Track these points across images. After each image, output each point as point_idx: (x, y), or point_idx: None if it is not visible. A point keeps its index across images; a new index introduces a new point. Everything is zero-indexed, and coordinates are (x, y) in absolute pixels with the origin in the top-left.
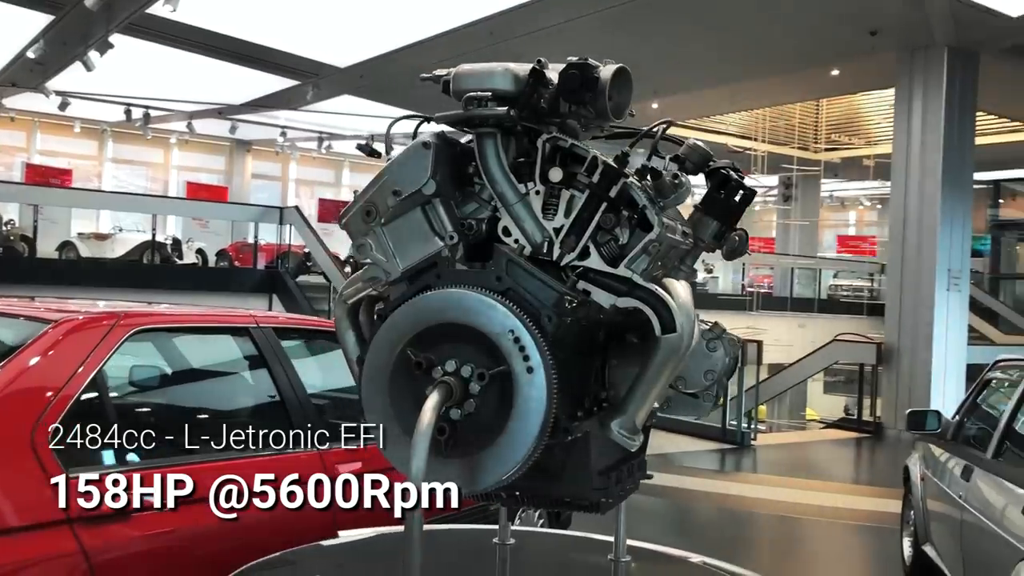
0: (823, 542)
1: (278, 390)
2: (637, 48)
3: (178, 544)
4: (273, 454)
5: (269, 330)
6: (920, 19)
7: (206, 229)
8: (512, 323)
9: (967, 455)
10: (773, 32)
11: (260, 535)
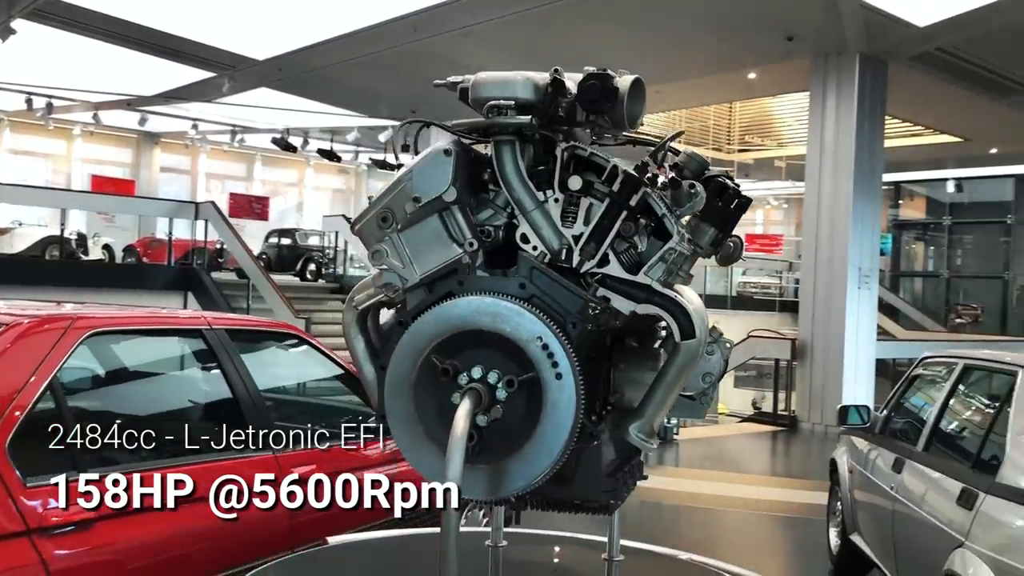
0: (750, 533)
1: (232, 393)
2: (560, 49)
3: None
4: (228, 458)
5: (222, 331)
6: (834, 26)
7: (112, 224)
8: (540, 330)
9: (897, 448)
10: (695, 36)
11: (221, 541)
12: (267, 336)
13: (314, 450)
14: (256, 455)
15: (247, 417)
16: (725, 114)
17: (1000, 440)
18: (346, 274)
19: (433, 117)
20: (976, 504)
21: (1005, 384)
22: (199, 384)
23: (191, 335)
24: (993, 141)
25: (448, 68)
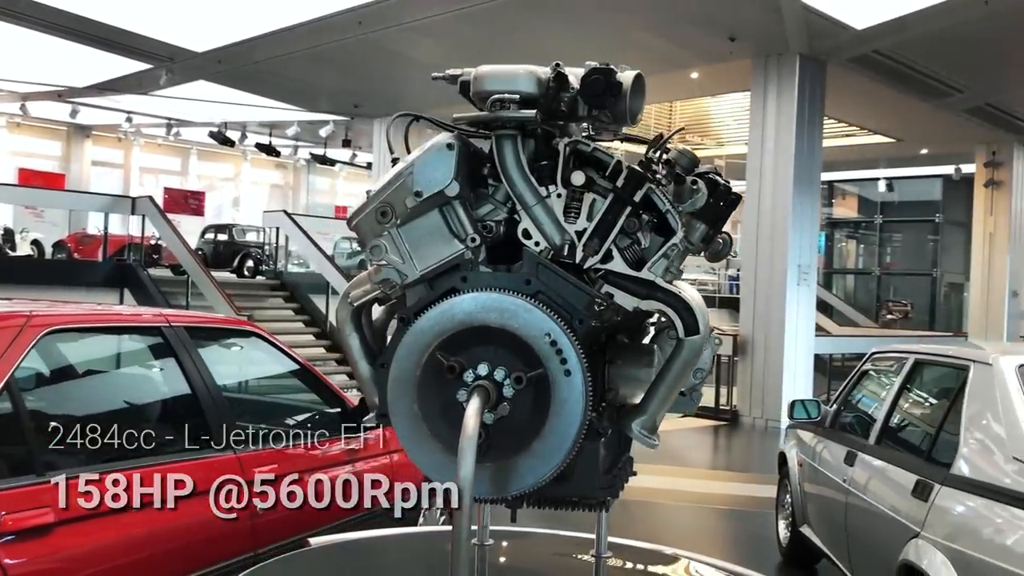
0: (699, 526)
1: (192, 392)
2: (504, 44)
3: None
4: (189, 459)
5: (181, 329)
6: (776, 27)
7: (41, 219)
8: (549, 326)
9: (848, 442)
10: (640, 34)
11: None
12: (226, 334)
13: (276, 449)
14: (217, 455)
15: (208, 417)
16: (666, 113)
17: (954, 432)
18: (286, 271)
19: (378, 111)
20: (931, 495)
21: (958, 378)
22: (158, 384)
23: (149, 333)
24: (924, 142)
25: (393, 63)
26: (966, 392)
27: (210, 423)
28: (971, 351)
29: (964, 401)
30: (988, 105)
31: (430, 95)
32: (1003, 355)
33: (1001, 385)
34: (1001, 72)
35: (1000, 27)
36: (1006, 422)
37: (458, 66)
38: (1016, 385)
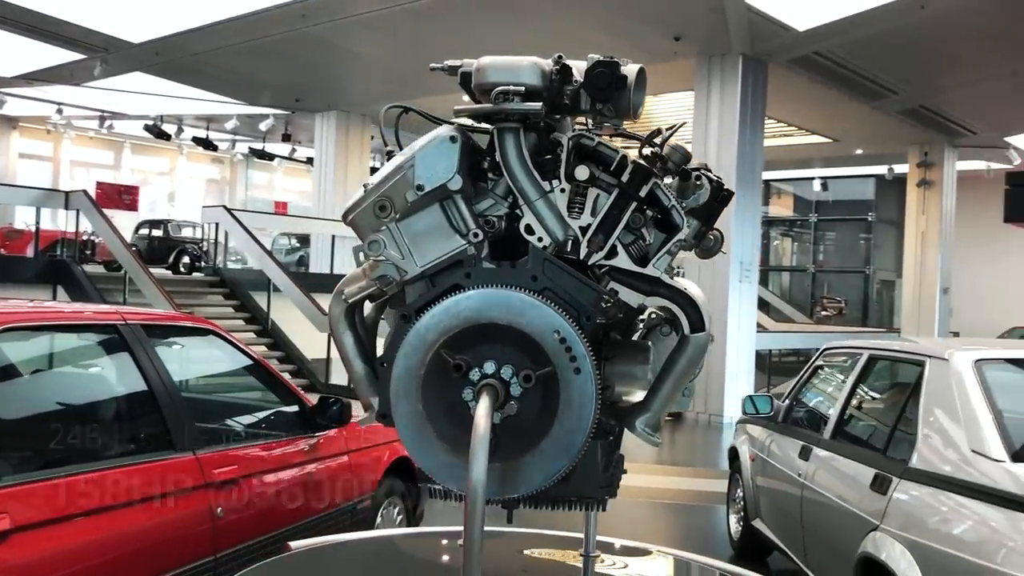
0: (649, 521)
1: (150, 392)
2: (450, 40)
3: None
4: (147, 461)
5: (138, 327)
6: (720, 28)
7: None
8: (558, 323)
9: (803, 436)
10: (585, 32)
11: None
12: (183, 331)
13: (237, 450)
14: (176, 457)
15: (167, 418)
16: None
17: (911, 427)
18: (225, 267)
19: (319, 106)
20: (890, 489)
21: (914, 373)
22: (114, 383)
23: (105, 331)
24: (859, 142)
25: (337, 57)
26: (923, 387)
27: (169, 424)
28: (926, 347)
29: (921, 396)
30: (922, 107)
31: (373, 90)
32: (959, 350)
33: (958, 380)
34: (935, 75)
35: (936, 31)
36: (965, 417)
37: (402, 61)
38: (973, 380)
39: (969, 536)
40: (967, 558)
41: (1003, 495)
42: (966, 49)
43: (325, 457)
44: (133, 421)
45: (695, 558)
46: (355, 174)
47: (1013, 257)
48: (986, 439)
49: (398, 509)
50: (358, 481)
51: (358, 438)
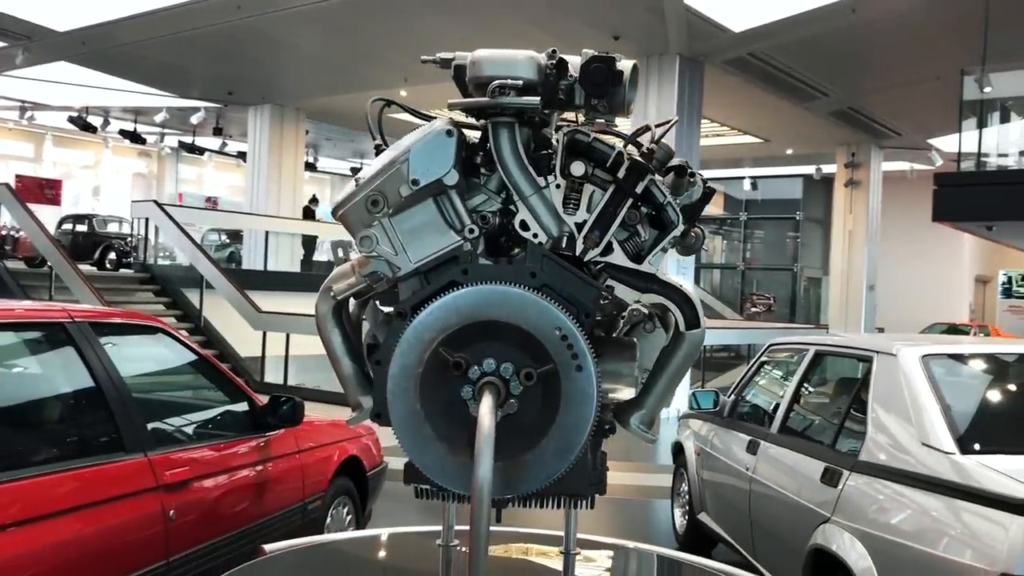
0: (593, 515)
1: (99, 392)
2: (387, 34)
3: None
4: (98, 463)
5: (86, 325)
6: (659, 28)
7: None
8: (559, 320)
9: (750, 431)
10: (524, 28)
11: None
12: (131, 330)
13: (189, 450)
14: (127, 459)
15: (117, 419)
16: None
17: (860, 421)
18: (156, 263)
19: (253, 99)
20: (841, 481)
21: (861, 368)
22: (62, 383)
23: (51, 329)
24: (789, 142)
25: (271, 49)
26: (871, 382)
27: (120, 425)
28: (873, 343)
29: (869, 391)
30: (850, 108)
31: (309, 83)
32: (906, 346)
33: (907, 375)
34: (864, 77)
35: (865, 35)
36: (914, 411)
37: (339, 54)
38: (921, 375)
39: (921, 526)
40: (919, 548)
41: (954, 486)
42: (893, 53)
43: (276, 457)
44: (83, 422)
45: (676, 555)
46: (290, 169)
47: (934, 255)
48: (936, 433)
49: (347, 509)
50: (309, 481)
51: (308, 437)
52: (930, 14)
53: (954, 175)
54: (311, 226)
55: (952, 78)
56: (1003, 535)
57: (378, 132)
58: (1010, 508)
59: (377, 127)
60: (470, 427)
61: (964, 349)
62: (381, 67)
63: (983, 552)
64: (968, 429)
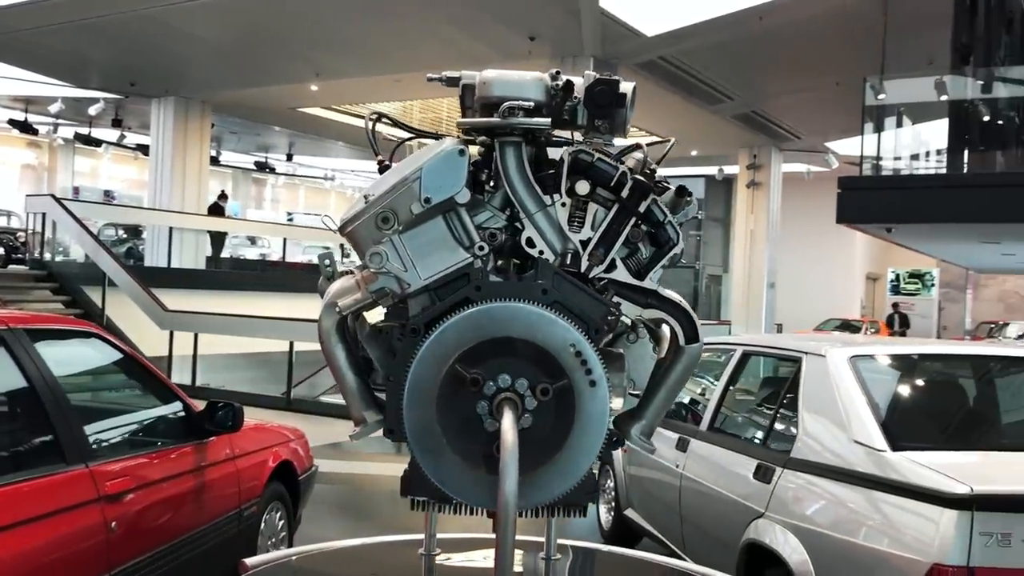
0: None
1: (38, 403)
2: (299, 29)
3: None
4: (36, 476)
5: (22, 332)
6: (574, 30)
7: None
8: (574, 337)
9: (679, 428)
10: (443, 27)
11: (31, 570)
12: (62, 335)
13: (129, 459)
14: (68, 470)
15: (56, 429)
16: (456, 107)
17: (791, 419)
18: (53, 260)
19: (156, 91)
20: (774, 478)
21: (790, 368)
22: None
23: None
24: (694, 144)
25: (175, 39)
26: (801, 382)
27: (60, 435)
28: (802, 344)
29: (800, 391)
30: (753, 112)
31: (215, 76)
32: (834, 347)
33: (837, 375)
34: (768, 82)
35: (771, 42)
36: (845, 410)
37: (246, 48)
38: (850, 375)
39: (854, 520)
40: (853, 541)
41: (885, 482)
42: (796, 60)
43: (214, 463)
44: (22, 435)
45: (661, 560)
46: (195, 164)
47: (828, 254)
48: (867, 431)
49: (280, 514)
50: (244, 487)
51: (243, 443)
52: (832, 23)
53: (856, 179)
54: (220, 222)
55: (851, 84)
56: (933, 528)
57: (373, 146)
58: (940, 502)
59: (372, 139)
60: (486, 442)
61: (890, 350)
62: (292, 61)
63: (915, 544)
64: (897, 427)
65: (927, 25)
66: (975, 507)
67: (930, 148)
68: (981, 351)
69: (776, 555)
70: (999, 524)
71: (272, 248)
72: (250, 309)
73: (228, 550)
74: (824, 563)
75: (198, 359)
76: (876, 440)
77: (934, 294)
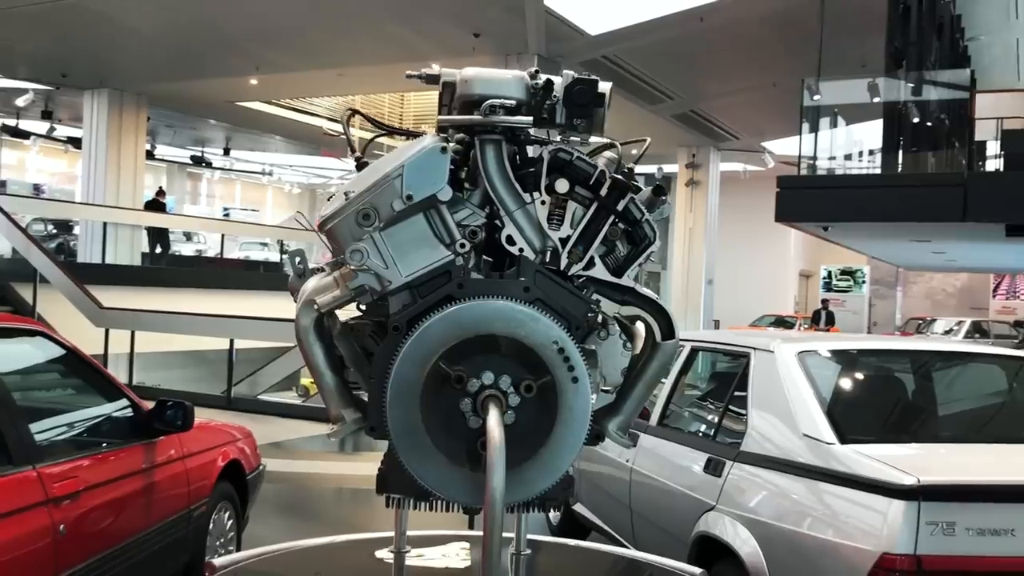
0: None
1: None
2: (239, 22)
3: None
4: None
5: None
6: (519, 28)
7: None
8: (556, 334)
9: None
10: (387, 22)
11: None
12: (6, 334)
13: (78, 460)
14: (15, 472)
15: (3, 431)
16: (398, 103)
17: (741, 413)
18: None
19: (89, 82)
20: (724, 471)
21: (739, 364)
22: None
23: None
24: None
25: (107, 30)
26: (750, 377)
27: (7, 438)
28: (750, 340)
29: (749, 385)
30: (693, 112)
31: (150, 68)
32: (783, 343)
33: (785, 370)
34: (707, 83)
35: (710, 42)
36: (794, 404)
37: (183, 39)
38: (799, 370)
39: (805, 512)
40: (804, 532)
41: (835, 474)
42: (736, 60)
43: (164, 463)
44: None
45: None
46: (129, 157)
47: (764, 252)
48: (816, 424)
49: (228, 514)
50: (194, 487)
51: (192, 442)
52: (771, 25)
53: (795, 178)
54: (159, 218)
55: (787, 85)
56: (882, 518)
57: (349, 144)
58: (888, 493)
59: (346, 131)
60: (470, 440)
61: (836, 346)
62: (231, 54)
63: (864, 534)
64: (844, 421)
65: (863, 29)
66: (922, 497)
67: (864, 148)
68: (922, 346)
69: (727, 547)
70: (944, 513)
71: (208, 244)
72: (188, 306)
73: (178, 551)
74: (775, 553)
75: (135, 357)
76: (824, 433)
77: (865, 291)
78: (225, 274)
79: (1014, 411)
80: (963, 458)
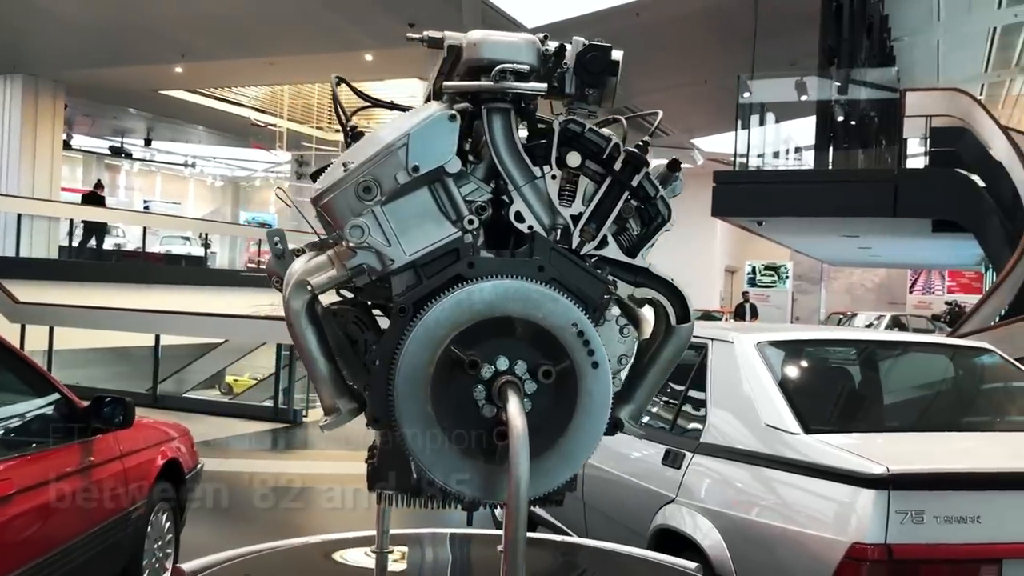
0: None
1: None
2: (166, 5)
3: None
4: None
5: None
6: (455, 18)
7: None
8: (576, 315)
9: None
10: (320, 10)
11: None
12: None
13: (10, 460)
14: None
15: None
16: (328, 92)
17: (700, 404)
18: None
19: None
20: (684, 463)
21: (696, 355)
22: None
23: None
24: None
25: (22, 12)
26: (708, 368)
27: None
28: (708, 331)
29: (708, 376)
30: (626, 107)
31: (68, 53)
32: (741, 334)
33: (745, 361)
34: (641, 78)
35: (645, 38)
36: (756, 394)
37: (102, 22)
38: (759, 361)
39: (771, 503)
40: (770, 523)
41: (801, 464)
42: (669, 57)
43: (101, 463)
44: None
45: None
46: (45, 147)
47: (690, 247)
48: (780, 415)
49: (167, 515)
50: (132, 488)
51: (130, 441)
52: (705, 23)
53: (731, 174)
54: (96, 212)
55: (719, 82)
56: (851, 508)
57: (340, 111)
58: (857, 482)
59: (341, 109)
60: (484, 429)
61: (794, 336)
62: (156, 40)
63: (833, 524)
64: (807, 410)
65: (795, 27)
66: (892, 487)
67: (797, 145)
68: (881, 337)
69: (689, 539)
70: (913, 502)
71: (127, 238)
72: (110, 301)
73: (115, 556)
74: (739, 545)
75: (53, 355)
76: (789, 424)
77: (788, 286)
78: (147, 268)
79: (968, 399)
80: (928, 446)
